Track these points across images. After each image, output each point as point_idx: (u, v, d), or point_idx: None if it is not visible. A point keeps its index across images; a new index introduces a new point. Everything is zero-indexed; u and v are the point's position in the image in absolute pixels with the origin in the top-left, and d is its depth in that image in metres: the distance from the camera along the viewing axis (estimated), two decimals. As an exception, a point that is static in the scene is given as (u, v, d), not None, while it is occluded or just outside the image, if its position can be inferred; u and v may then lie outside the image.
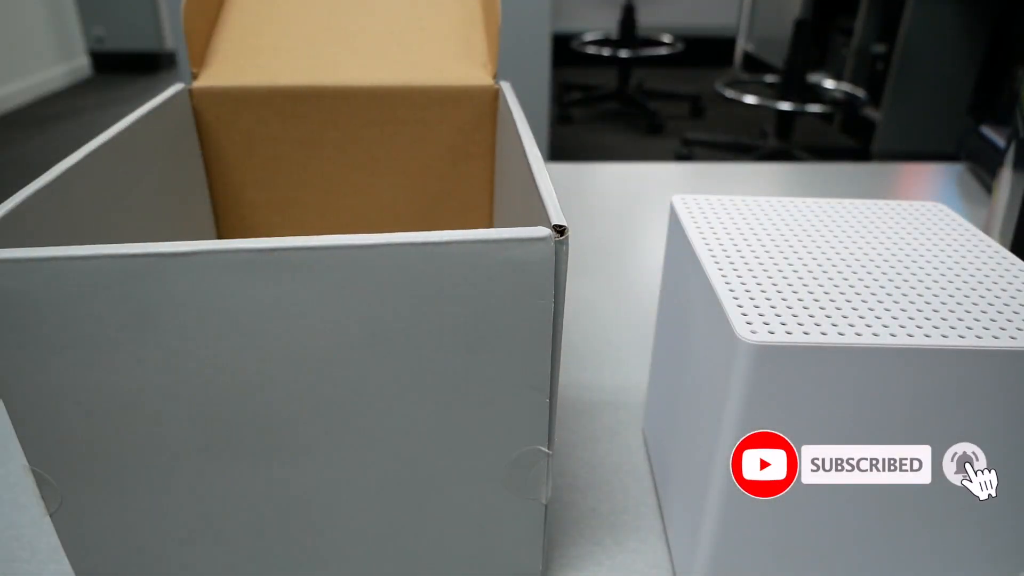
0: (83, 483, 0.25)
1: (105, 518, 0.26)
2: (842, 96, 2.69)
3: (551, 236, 0.22)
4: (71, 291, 0.22)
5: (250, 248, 0.21)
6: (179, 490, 0.26)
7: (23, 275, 0.21)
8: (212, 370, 0.23)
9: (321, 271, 0.22)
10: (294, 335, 0.23)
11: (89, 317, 0.22)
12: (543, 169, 0.27)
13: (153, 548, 0.27)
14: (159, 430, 0.24)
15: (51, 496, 0.25)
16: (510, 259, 0.22)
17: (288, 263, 0.22)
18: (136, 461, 0.25)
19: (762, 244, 0.28)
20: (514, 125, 0.33)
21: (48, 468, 0.25)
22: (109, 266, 0.21)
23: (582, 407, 0.41)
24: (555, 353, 0.24)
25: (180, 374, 0.23)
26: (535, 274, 0.23)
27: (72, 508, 0.26)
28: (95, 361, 0.23)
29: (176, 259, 0.21)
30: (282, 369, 0.23)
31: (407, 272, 0.22)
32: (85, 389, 0.23)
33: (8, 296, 0.21)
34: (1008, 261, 0.28)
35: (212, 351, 0.23)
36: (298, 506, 0.27)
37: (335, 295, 0.22)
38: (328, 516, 0.27)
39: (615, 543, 0.32)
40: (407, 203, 0.43)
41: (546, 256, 0.22)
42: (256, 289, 0.22)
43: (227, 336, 0.23)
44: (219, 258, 0.21)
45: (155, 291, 0.22)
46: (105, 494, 0.26)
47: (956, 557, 0.26)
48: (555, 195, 0.24)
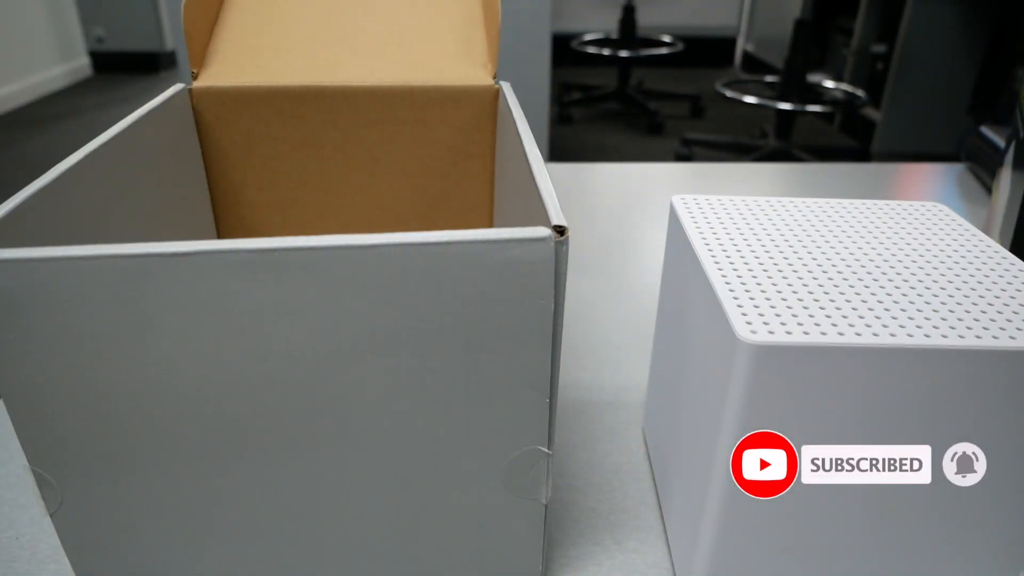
0: (83, 483, 0.25)
1: (105, 518, 0.26)
2: (842, 96, 2.69)
3: (551, 236, 0.22)
4: (71, 291, 0.22)
5: (250, 248, 0.21)
6: (178, 490, 0.26)
7: (23, 275, 0.21)
8: (212, 370, 0.23)
9: (321, 271, 0.22)
10: (294, 335, 0.23)
11: (89, 317, 0.22)
12: (543, 169, 0.27)
13: (153, 548, 0.27)
14: (159, 430, 0.24)
15: (51, 496, 0.25)
16: (510, 259, 0.22)
17: (288, 263, 0.22)
18: (136, 461, 0.25)
19: (762, 244, 0.28)
20: (514, 125, 0.32)
21: (48, 468, 0.25)
22: (109, 266, 0.21)
23: (582, 407, 0.41)
24: (555, 353, 0.24)
25: (180, 374, 0.23)
26: (535, 274, 0.23)
27: (72, 508, 0.26)
28: (95, 361, 0.23)
29: (175, 259, 0.21)
30: (282, 369, 0.23)
31: (407, 272, 0.22)
32: (85, 389, 0.23)
33: (8, 296, 0.21)
34: (1008, 261, 0.28)
35: (212, 351, 0.23)
36: (297, 506, 0.27)
37: (335, 295, 0.22)
38: (328, 516, 0.27)
39: (615, 543, 0.32)
40: (407, 203, 0.43)
41: (546, 256, 0.22)
42: (256, 289, 0.22)
43: (227, 336, 0.23)
44: (219, 258, 0.21)
45: (155, 291, 0.22)
46: (105, 494, 0.26)
47: (956, 557, 0.26)
48: (555, 195, 0.24)
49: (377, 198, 0.42)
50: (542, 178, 0.26)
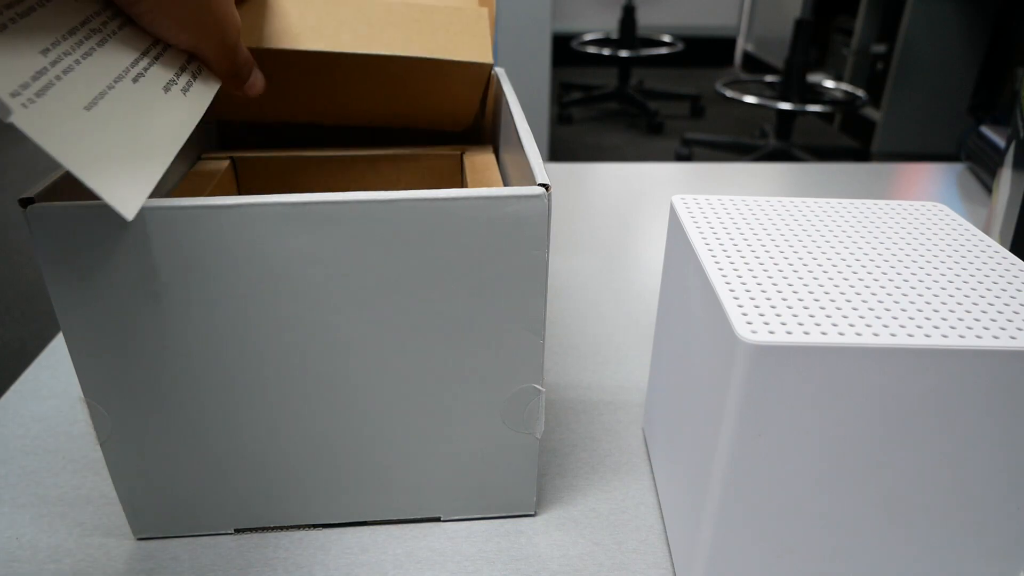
0: (131, 415, 0.29)
1: (149, 448, 0.30)
2: (842, 96, 2.69)
3: (545, 194, 0.26)
4: (127, 239, 0.25)
5: (285, 202, 0.25)
6: (217, 421, 0.29)
7: (84, 224, 0.24)
8: (250, 310, 0.27)
9: (346, 222, 0.25)
10: (323, 279, 0.26)
11: (142, 262, 0.25)
12: (531, 138, 0.30)
13: (191, 475, 0.30)
14: (202, 366, 0.28)
15: (102, 426, 0.29)
16: (509, 214, 0.26)
17: (317, 215, 0.25)
18: (180, 395, 0.28)
19: (762, 244, 0.28)
20: (507, 103, 0.35)
21: (101, 400, 0.28)
22: (161, 216, 0.25)
23: (582, 407, 0.41)
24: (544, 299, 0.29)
25: (222, 314, 0.27)
26: (531, 227, 0.26)
27: (120, 437, 0.29)
28: (147, 303, 0.26)
29: (220, 211, 0.25)
30: (310, 309, 0.27)
31: (421, 224, 0.26)
32: (137, 328, 0.27)
33: (71, 243, 0.25)
34: (1008, 261, 0.28)
35: (250, 293, 0.26)
36: (320, 438, 0.30)
37: (358, 244, 0.26)
38: (347, 448, 0.30)
39: (615, 543, 0.32)
40: (410, 177, 0.43)
41: (541, 211, 0.26)
42: (289, 238, 0.25)
43: (262, 280, 0.26)
44: (258, 210, 0.25)
45: (201, 237, 0.25)
46: (151, 425, 0.29)
47: (956, 557, 0.26)
48: (540, 158, 0.28)
49: (379, 173, 0.42)
50: (529, 145, 0.29)
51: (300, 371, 0.28)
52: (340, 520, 0.33)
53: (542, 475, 0.36)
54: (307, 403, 0.29)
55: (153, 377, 0.28)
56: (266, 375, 0.28)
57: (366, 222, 0.25)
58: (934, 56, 2.43)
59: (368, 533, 0.33)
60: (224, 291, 0.26)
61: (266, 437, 0.30)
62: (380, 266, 0.26)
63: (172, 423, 0.29)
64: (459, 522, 0.33)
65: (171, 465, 0.30)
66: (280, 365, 0.28)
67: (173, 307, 0.26)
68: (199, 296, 0.26)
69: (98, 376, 0.27)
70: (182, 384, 0.28)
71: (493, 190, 0.26)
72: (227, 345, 0.27)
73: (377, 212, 0.25)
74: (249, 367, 0.28)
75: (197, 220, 0.25)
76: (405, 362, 0.29)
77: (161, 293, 0.26)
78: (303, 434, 0.30)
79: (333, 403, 0.29)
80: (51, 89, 0.21)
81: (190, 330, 0.27)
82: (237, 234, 0.25)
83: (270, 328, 0.27)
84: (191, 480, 0.31)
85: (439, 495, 0.32)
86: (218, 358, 0.28)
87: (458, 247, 0.26)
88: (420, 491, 0.32)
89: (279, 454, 0.30)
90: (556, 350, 0.47)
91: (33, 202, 0.24)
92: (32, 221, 0.24)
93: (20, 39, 0.21)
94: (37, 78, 0.21)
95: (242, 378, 0.28)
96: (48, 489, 0.35)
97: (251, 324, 0.27)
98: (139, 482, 0.30)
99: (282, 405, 0.29)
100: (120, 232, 0.25)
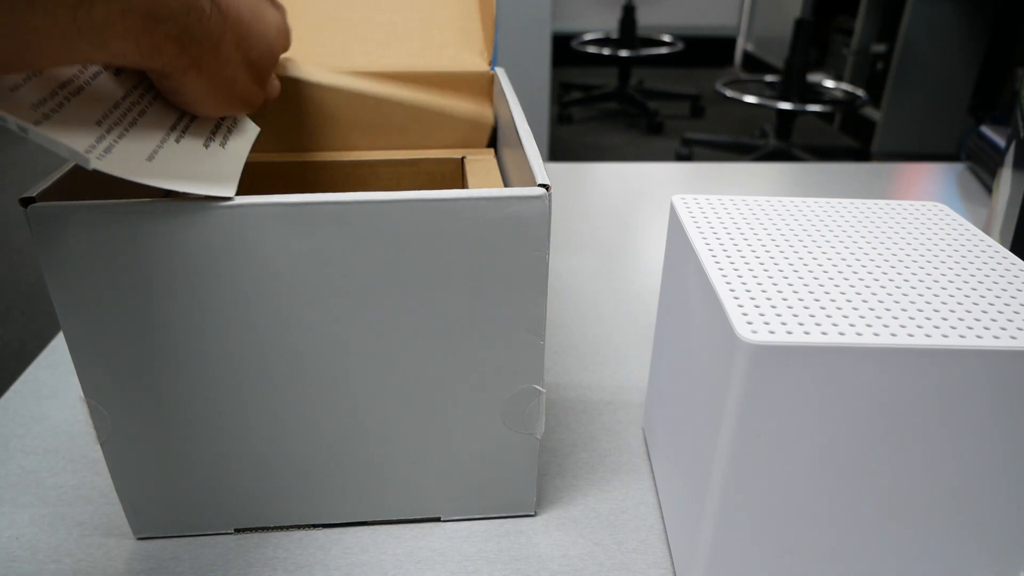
0: (131, 414, 0.29)
1: (150, 447, 0.29)
2: (842, 96, 2.69)
3: (546, 194, 0.26)
4: (128, 238, 0.25)
5: (286, 202, 0.25)
6: (217, 420, 0.29)
7: (83, 223, 0.24)
8: (251, 309, 0.27)
9: (347, 223, 0.25)
10: (323, 279, 0.26)
11: (144, 261, 0.25)
12: (531, 138, 0.30)
13: (192, 476, 0.30)
14: (202, 366, 0.28)
15: (102, 426, 0.29)
16: (510, 214, 0.26)
17: (318, 216, 0.25)
18: (179, 394, 0.28)
19: (762, 244, 0.28)
20: (507, 104, 0.36)
21: (101, 400, 0.28)
22: (162, 213, 0.25)
23: (582, 407, 0.41)
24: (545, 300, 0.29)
25: (223, 313, 0.27)
26: (532, 227, 0.26)
27: (120, 437, 0.29)
28: (148, 302, 0.26)
29: (222, 210, 0.25)
30: (311, 308, 0.27)
31: (421, 225, 0.26)
32: (138, 327, 0.27)
33: (72, 242, 0.25)
34: (1008, 261, 0.28)
35: (252, 292, 0.26)
36: (321, 438, 0.30)
37: (358, 244, 0.26)
38: (348, 447, 0.30)
39: (615, 543, 0.32)
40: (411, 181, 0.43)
41: (543, 211, 0.26)
42: (289, 239, 0.25)
43: (264, 279, 0.26)
44: (260, 210, 0.25)
45: (202, 237, 0.25)
46: (151, 425, 0.29)
47: (957, 557, 0.26)
48: (541, 159, 0.28)
49: (380, 176, 0.43)
50: (529, 145, 0.29)
51: (300, 371, 0.28)
52: (340, 520, 0.33)
53: (542, 475, 0.36)
54: (307, 403, 0.29)
55: (153, 377, 0.28)
56: (266, 375, 0.28)
57: (367, 223, 0.25)
58: (934, 56, 2.43)
59: (368, 533, 0.33)
60: (224, 291, 0.26)
61: (266, 437, 0.30)
62: (380, 267, 0.26)
63: (172, 423, 0.29)
64: (459, 522, 0.33)
65: (171, 465, 0.30)
66: (280, 365, 0.28)
67: (173, 307, 0.26)
68: (199, 296, 0.26)
69: (98, 376, 0.27)
70: (182, 384, 0.28)
71: (493, 191, 0.26)
72: (227, 345, 0.27)
73: (377, 213, 0.25)
74: (249, 367, 0.28)
75: (197, 220, 0.25)
76: (405, 362, 0.29)
77: (161, 293, 0.26)
78: (303, 434, 0.30)
79: (333, 403, 0.29)
80: (115, 147, 0.23)
81: (190, 330, 0.27)
82: (237, 234, 0.25)
83: (270, 328, 0.27)
84: (191, 480, 0.31)
85: (439, 495, 0.32)
86: (218, 358, 0.28)
87: (458, 247, 0.26)
88: (420, 491, 0.32)
89: (279, 454, 0.30)
90: (556, 350, 0.47)
91: (33, 202, 0.24)
92: (32, 221, 0.24)
93: (81, 111, 0.23)
94: (100, 140, 0.23)
95: (242, 378, 0.28)
96: (48, 489, 0.35)
97: (251, 324, 0.27)
98: (139, 482, 0.30)
99: (282, 405, 0.29)
100: (120, 232, 0.25)
